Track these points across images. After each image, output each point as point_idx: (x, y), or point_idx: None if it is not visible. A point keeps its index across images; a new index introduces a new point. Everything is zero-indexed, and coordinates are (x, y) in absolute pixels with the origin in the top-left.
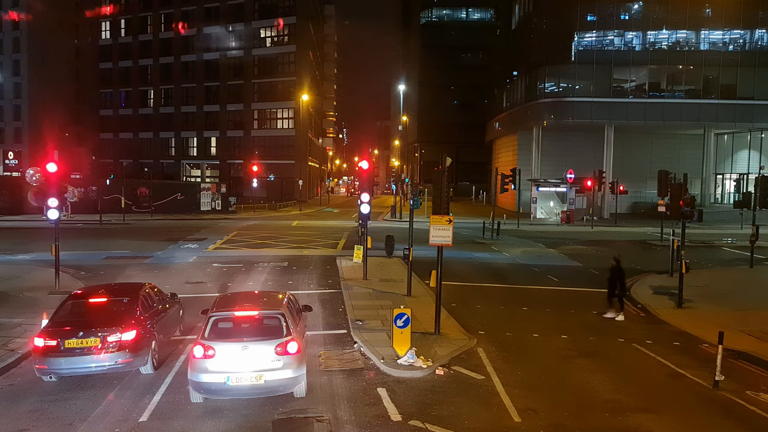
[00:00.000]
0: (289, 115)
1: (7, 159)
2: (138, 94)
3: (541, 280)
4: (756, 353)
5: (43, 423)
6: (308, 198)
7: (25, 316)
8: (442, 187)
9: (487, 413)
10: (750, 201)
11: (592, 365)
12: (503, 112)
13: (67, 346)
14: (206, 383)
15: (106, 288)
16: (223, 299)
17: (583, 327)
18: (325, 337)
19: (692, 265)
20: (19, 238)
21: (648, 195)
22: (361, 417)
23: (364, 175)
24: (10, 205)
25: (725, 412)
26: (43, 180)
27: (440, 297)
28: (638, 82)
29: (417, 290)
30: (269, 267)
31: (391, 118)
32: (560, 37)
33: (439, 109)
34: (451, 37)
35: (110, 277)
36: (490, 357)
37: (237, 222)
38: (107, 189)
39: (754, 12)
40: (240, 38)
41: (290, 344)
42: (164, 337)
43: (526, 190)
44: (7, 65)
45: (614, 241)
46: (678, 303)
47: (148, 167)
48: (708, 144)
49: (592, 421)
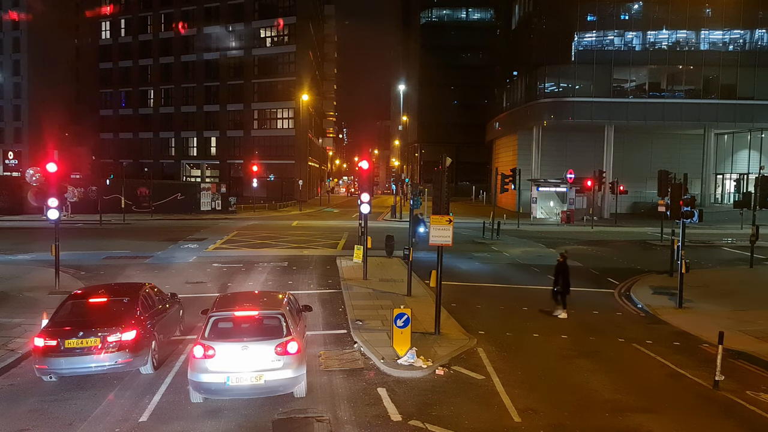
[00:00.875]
0: (289, 115)
1: (7, 159)
2: (138, 94)
3: (541, 280)
4: (756, 353)
5: (43, 423)
6: (308, 198)
7: (25, 316)
8: (442, 187)
9: (487, 413)
10: (750, 201)
11: (592, 365)
12: (503, 112)
13: (67, 346)
14: (206, 383)
15: (106, 288)
16: (223, 299)
17: (583, 327)
18: (325, 337)
19: (692, 265)
20: (19, 238)
21: (648, 195)
22: (361, 417)
23: (364, 175)
24: (10, 205)
25: (725, 412)
26: (43, 180)
27: (440, 297)
28: (638, 82)
29: (417, 290)
30: (269, 267)
31: (391, 118)
32: (560, 37)
33: (439, 109)
34: (451, 37)
35: (110, 277)
36: (490, 357)
37: (237, 222)
38: (107, 189)
39: (754, 12)
40: (240, 38)
41: (290, 344)
42: (164, 337)
43: (526, 190)
44: (7, 65)
45: (614, 241)
46: (678, 303)
47: (148, 167)
48: (708, 144)
49: (592, 421)
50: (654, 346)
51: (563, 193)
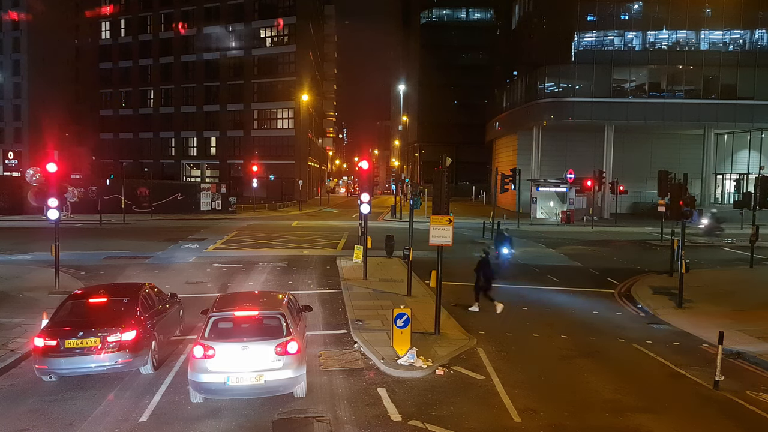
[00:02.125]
0: (289, 115)
1: (7, 159)
2: (138, 94)
3: (541, 280)
4: (756, 353)
5: (43, 423)
6: (308, 198)
7: (25, 316)
8: (442, 187)
9: (487, 413)
10: (750, 201)
11: (592, 365)
12: (503, 112)
13: (67, 346)
14: (206, 383)
15: (106, 288)
16: (223, 299)
17: (583, 327)
18: (325, 337)
19: (692, 265)
20: (19, 238)
21: (648, 195)
22: (361, 417)
23: (364, 175)
24: (10, 205)
25: (725, 412)
26: (43, 180)
27: (440, 297)
28: (638, 82)
29: (417, 290)
30: (269, 267)
31: (391, 118)
32: (560, 37)
33: (439, 109)
34: (451, 37)
35: (110, 277)
36: (490, 357)
37: (237, 222)
38: (107, 189)
39: (754, 12)
40: (240, 38)
41: (290, 344)
42: (164, 337)
43: (526, 190)
44: (7, 65)
45: (614, 241)
46: (678, 303)
47: (148, 167)
48: (708, 144)
49: (592, 421)
50: (654, 346)
51: (563, 193)
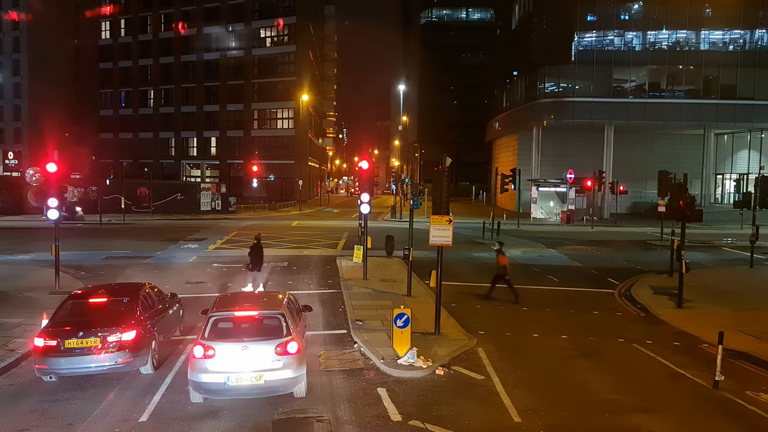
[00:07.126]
0: (289, 115)
1: (7, 159)
2: (138, 94)
3: (541, 280)
4: (756, 353)
5: (43, 423)
6: (308, 198)
7: (25, 316)
8: (442, 187)
9: (487, 413)
10: (750, 201)
11: (592, 365)
12: (503, 112)
13: (67, 346)
14: (206, 383)
15: (106, 288)
16: (223, 299)
17: (583, 327)
18: (325, 337)
19: (692, 265)
20: (19, 238)
21: (648, 195)
22: (361, 417)
23: (364, 175)
24: (10, 205)
25: (725, 412)
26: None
27: (440, 297)
28: (638, 82)
29: (417, 290)
30: (269, 267)
31: (391, 118)
32: (560, 37)
33: (439, 109)
34: (451, 37)
35: (110, 277)
36: (490, 357)
37: (237, 222)
38: (107, 189)
39: (754, 12)
40: (240, 38)
41: (290, 344)
42: (164, 337)
43: (526, 190)
44: (7, 65)
45: (614, 241)
46: (678, 303)
47: (148, 167)
48: (708, 144)
49: (592, 421)
50: (654, 346)
51: (563, 193)
